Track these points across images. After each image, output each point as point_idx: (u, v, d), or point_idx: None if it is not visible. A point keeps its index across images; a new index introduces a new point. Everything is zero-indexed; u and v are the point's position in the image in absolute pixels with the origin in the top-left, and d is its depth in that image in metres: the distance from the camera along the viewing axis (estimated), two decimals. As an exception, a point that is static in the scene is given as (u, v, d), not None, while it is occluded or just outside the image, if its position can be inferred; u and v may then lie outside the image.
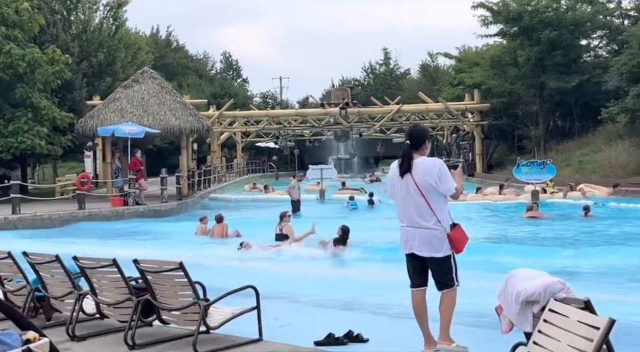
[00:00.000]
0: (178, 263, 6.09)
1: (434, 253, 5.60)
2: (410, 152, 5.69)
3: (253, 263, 12.40)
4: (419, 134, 5.82)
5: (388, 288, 9.10)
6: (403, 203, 5.73)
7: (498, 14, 36.40)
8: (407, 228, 5.73)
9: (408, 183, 5.65)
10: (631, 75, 29.32)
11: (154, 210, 24.56)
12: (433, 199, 5.60)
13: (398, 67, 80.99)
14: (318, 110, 44.35)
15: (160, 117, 28.19)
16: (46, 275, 7.26)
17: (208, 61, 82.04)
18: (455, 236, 5.63)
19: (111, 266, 6.54)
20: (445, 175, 5.62)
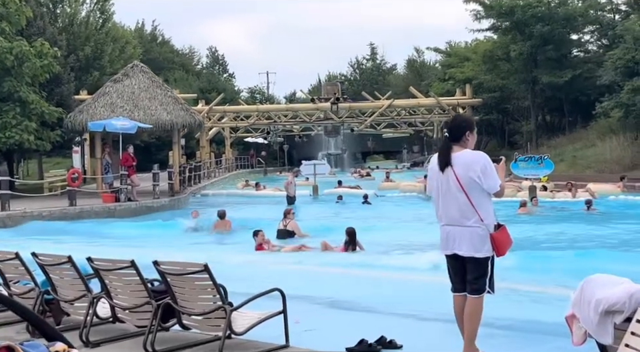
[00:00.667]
0: (203, 265, 5.74)
1: (474, 253, 5.21)
2: (449, 144, 5.31)
3: (264, 263, 12.01)
4: (458, 125, 5.43)
5: (413, 289, 8.80)
6: (443, 199, 5.34)
7: (490, 8, 36.23)
8: (447, 227, 5.35)
9: (449, 178, 5.25)
10: (626, 70, 29.24)
11: (146, 206, 24.12)
12: (475, 195, 5.20)
13: (384, 62, 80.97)
14: (309, 105, 43.96)
15: (151, 111, 27.72)
16: (56, 276, 6.86)
17: (194, 55, 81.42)
18: (499, 237, 5.22)
19: (129, 268, 6.16)
20: (490, 170, 5.19)
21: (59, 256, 6.71)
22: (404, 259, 12.05)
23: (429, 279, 9.42)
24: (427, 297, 8.44)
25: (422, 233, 16.42)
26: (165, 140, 49.45)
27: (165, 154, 47.45)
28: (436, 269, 8.99)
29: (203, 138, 42.93)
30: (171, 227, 18.59)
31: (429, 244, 14.25)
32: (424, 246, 12.82)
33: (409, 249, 13.17)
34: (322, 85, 51.07)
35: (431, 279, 9.13)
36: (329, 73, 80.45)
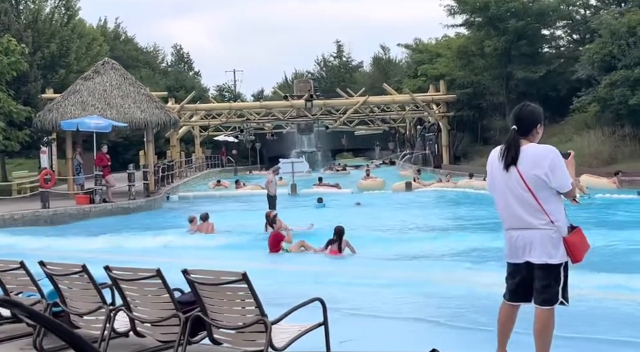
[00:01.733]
0: (241, 274, 5.18)
1: (547, 259, 4.63)
2: (517, 138, 4.70)
3: (263, 264, 11.45)
4: (528, 116, 4.80)
5: (430, 290, 8.34)
6: (506, 200, 4.74)
7: (465, 3, 36.08)
8: (513, 231, 4.76)
9: (512, 176, 4.66)
10: (603, 64, 29.30)
11: (122, 207, 23.42)
12: (543, 195, 4.63)
13: (351, 60, 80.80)
14: (283, 102, 43.37)
15: (124, 109, 26.93)
16: (67, 287, 6.24)
17: (158, 53, 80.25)
18: (574, 241, 4.67)
19: (154, 277, 5.58)
20: (560, 167, 4.62)
21: (71, 264, 6.10)
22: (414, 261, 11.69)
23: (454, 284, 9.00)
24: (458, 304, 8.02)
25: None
26: (132, 139, 48.37)
27: (134, 153, 46.44)
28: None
29: (174, 137, 42.07)
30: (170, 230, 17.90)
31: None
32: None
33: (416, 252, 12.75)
34: (294, 83, 50.44)
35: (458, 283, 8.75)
36: (295, 71, 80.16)
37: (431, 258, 12.18)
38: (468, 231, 16.22)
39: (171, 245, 15.37)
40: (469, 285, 8.93)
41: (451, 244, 13.49)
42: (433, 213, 20.78)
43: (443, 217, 19.58)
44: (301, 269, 11.30)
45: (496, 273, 8.78)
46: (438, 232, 15.90)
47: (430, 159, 41.70)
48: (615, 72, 28.34)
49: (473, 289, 8.67)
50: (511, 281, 4.84)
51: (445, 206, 23.46)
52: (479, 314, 7.10)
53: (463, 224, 17.86)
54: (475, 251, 12.43)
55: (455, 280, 9.65)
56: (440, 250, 12.90)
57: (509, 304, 4.88)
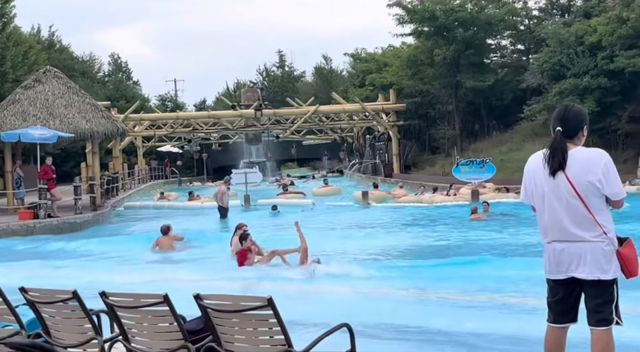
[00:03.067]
0: (266, 298, 4.57)
1: (600, 274, 4.19)
2: (563, 141, 4.27)
3: (247, 283, 10.76)
4: (575, 116, 4.35)
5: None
6: (551, 209, 4.28)
7: (414, 13, 36.16)
8: (558, 244, 4.30)
9: (559, 183, 4.22)
10: (553, 73, 29.70)
11: (69, 223, 22.17)
12: (594, 203, 4.20)
13: (294, 70, 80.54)
14: (232, 112, 42.53)
15: (68, 119, 25.70)
16: (51, 316, 5.48)
17: (95, 62, 78.17)
18: (628, 254, 4.23)
19: (160, 304, 4.91)
20: (613, 173, 4.21)
21: (58, 291, 5.34)
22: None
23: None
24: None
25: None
26: (70, 151, 46.68)
27: (72, 166, 44.76)
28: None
29: (116, 148, 40.68)
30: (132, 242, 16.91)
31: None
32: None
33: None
34: (242, 92, 49.60)
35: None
36: (237, 80, 79.34)
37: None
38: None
39: (131, 262, 14.46)
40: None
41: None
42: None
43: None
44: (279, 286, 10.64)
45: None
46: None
47: (380, 168, 41.57)
48: (564, 80, 28.74)
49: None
50: (553, 300, 4.39)
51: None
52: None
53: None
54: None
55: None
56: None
57: (554, 327, 4.41)
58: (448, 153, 38.68)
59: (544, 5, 38.55)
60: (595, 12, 31.91)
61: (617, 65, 27.26)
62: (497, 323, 7.83)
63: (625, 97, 28.22)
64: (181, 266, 13.27)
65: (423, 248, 15.12)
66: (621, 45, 27.56)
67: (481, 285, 9.98)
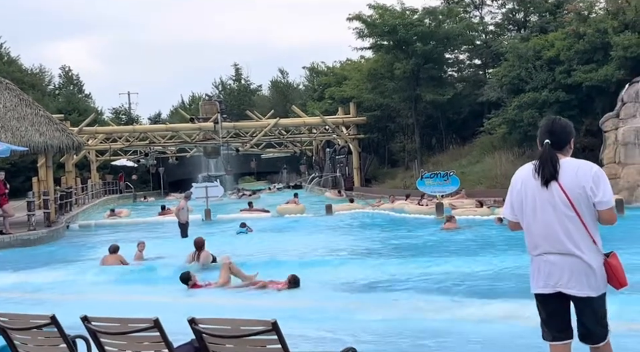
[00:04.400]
0: (271, 322, 4.20)
1: (590, 292, 4.13)
2: (553, 152, 4.24)
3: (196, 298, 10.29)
4: (562, 129, 4.37)
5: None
6: (543, 221, 4.21)
7: (374, 26, 36.22)
8: (547, 257, 4.20)
9: (553, 193, 4.17)
10: (512, 87, 29.97)
11: (22, 239, 21.35)
12: (586, 213, 4.15)
13: (250, 83, 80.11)
14: (190, 125, 41.86)
15: (21, 132, 24.85)
16: (24, 343, 5.00)
17: (45, 75, 76.44)
18: (616, 264, 4.17)
19: (150, 329, 4.49)
20: (604, 182, 4.18)
21: (33, 315, 4.87)
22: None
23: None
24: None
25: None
26: (20, 166, 45.28)
27: (22, 181, 43.38)
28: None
29: (69, 162, 39.54)
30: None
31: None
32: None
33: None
34: (200, 104, 48.91)
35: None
36: (192, 94, 78.51)
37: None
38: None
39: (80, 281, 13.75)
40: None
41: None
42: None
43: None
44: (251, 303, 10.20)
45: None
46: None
47: (341, 181, 41.41)
48: (523, 94, 29.03)
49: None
50: (547, 316, 4.26)
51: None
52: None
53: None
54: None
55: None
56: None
57: (556, 345, 4.24)
58: (408, 166, 38.74)
59: (500, 20, 39.09)
60: (550, 27, 32.43)
61: (574, 79, 27.65)
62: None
63: (583, 111, 28.63)
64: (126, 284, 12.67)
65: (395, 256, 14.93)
66: (578, 60, 27.97)
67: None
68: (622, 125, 25.44)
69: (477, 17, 40.21)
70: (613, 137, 25.59)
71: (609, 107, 26.59)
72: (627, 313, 7.33)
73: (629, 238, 14.32)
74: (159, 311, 4.85)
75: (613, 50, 26.52)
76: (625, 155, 25.14)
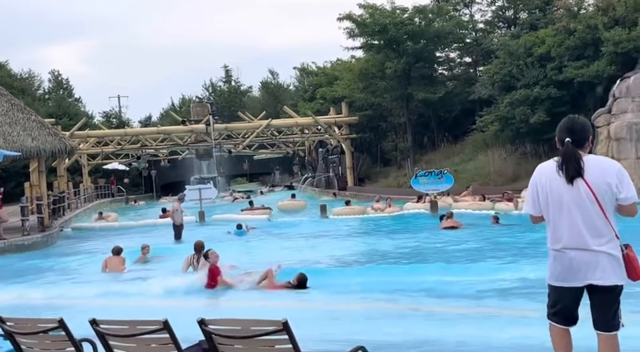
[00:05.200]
0: (282, 322, 4.19)
1: (617, 280, 4.32)
2: (574, 150, 4.36)
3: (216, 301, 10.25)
4: (582, 127, 4.49)
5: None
6: (569, 216, 4.34)
7: (364, 26, 36.25)
8: (571, 251, 4.33)
9: (580, 189, 4.32)
10: (503, 84, 30.05)
11: (16, 245, 21.22)
12: (609, 209, 4.34)
13: (240, 84, 79.94)
14: (182, 127, 41.74)
15: (13, 137, 24.69)
16: (31, 347, 4.97)
17: (34, 80, 76.09)
18: (634, 256, 4.35)
19: (160, 331, 4.47)
20: (628, 178, 4.37)
21: (41, 319, 4.84)
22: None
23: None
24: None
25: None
26: (11, 171, 45.04)
27: (13, 186, 43.13)
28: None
29: (61, 166, 39.33)
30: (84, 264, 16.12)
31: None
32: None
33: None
34: (191, 107, 48.79)
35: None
36: (182, 97, 78.30)
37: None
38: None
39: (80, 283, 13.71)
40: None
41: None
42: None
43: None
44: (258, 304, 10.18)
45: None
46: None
47: (334, 181, 41.40)
48: (514, 91, 29.11)
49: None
50: (559, 306, 4.47)
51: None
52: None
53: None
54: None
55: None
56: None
57: (560, 328, 4.52)
58: (400, 165, 38.79)
59: (490, 17, 39.18)
60: (540, 24, 32.53)
61: (565, 76, 27.77)
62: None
63: (574, 107, 28.68)
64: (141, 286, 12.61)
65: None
66: (569, 56, 28.09)
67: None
68: (614, 120, 25.57)
69: (467, 15, 40.32)
70: (605, 133, 25.72)
71: (601, 102, 26.73)
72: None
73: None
74: (162, 314, 4.82)
75: (603, 46, 26.65)
76: (617, 150, 25.26)
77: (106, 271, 14.97)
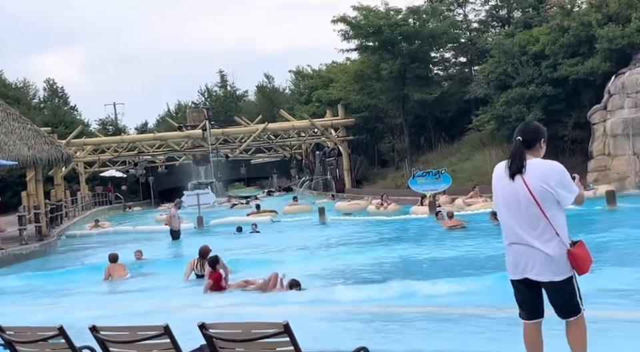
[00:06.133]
0: (283, 324, 4.16)
1: (553, 277, 4.55)
2: (522, 149, 4.63)
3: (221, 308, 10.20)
4: (534, 129, 4.77)
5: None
6: (511, 213, 4.64)
7: (359, 28, 36.29)
8: (515, 246, 4.64)
9: (518, 188, 4.57)
10: (499, 83, 30.07)
11: (14, 254, 21.10)
12: (550, 208, 4.55)
13: (236, 89, 79.97)
14: (179, 133, 41.76)
15: (9, 147, 24.66)
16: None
17: (29, 89, 76.04)
18: (579, 253, 4.56)
19: (161, 336, 4.44)
20: (568, 180, 4.61)
21: (41, 328, 4.81)
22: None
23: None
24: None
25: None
26: (8, 180, 44.99)
27: (10, 196, 43.06)
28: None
29: (58, 175, 39.36)
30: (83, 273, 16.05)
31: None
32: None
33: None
34: (187, 112, 48.81)
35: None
36: (178, 103, 78.24)
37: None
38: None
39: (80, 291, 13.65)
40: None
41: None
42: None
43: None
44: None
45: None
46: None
47: (332, 183, 41.41)
48: (510, 90, 29.13)
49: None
50: (520, 299, 4.76)
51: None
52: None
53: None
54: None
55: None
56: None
57: (529, 324, 4.75)
58: (398, 166, 38.81)
59: (484, 17, 39.24)
60: (534, 22, 32.58)
61: (560, 73, 27.79)
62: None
63: (570, 104, 28.78)
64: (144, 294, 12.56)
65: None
66: (563, 53, 28.12)
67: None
68: (610, 116, 25.60)
69: (461, 14, 40.41)
70: (601, 129, 25.74)
71: (596, 99, 26.76)
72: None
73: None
74: (162, 319, 4.80)
75: (597, 42, 26.68)
76: (614, 147, 25.29)
77: (109, 280, 14.86)
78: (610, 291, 8.88)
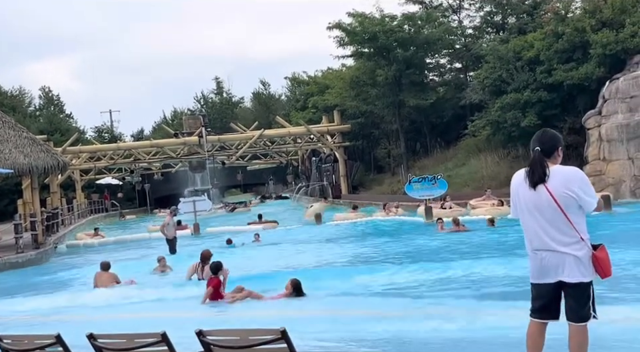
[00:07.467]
0: (280, 331, 4.19)
1: (582, 278, 4.69)
2: (542, 158, 4.76)
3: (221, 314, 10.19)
4: (551, 138, 4.89)
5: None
6: (535, 220, 4.77)
7: (354, 34, 36.39)
8: (541, 253, 4.76)
9: (541, 195, 4.71)
10: (494, 88, 30.17)
11: (10, 263, 21.11)
12: (574, 213, 4.70)
13: (232, 96, 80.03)
14: (175, 140, 41.77)
15: (5, 155, 24.73)
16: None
17: (24, 96, 75.96)
18: (603, 257, 4.72)
19: (158, 343, 4.46)
20: (589, 186, 4.77)
21: (38, 336, 4.82)
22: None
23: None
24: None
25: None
26: (3, 188, 44.92)
27: (6, 204, 43.00)
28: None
29: (54, 182, 39.27)
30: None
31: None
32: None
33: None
34: (183, 119, 48.82)
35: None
36: (173, 110, 78.21)
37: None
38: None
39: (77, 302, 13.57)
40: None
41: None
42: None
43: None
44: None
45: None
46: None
47: (328, 190, 41.43)
48: (505, 95, 29.22)
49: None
50: (539, 301, 4.85)
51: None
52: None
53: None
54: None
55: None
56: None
57: (538, 322, 4.87)
58: (394, 172, 38.87)
59: (478, 23, 39.38)
60: (529, 28, 32.71)
61: (555, 79, 27.90)
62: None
63: (565, 110, 28.88)
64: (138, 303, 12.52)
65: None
66: (558, 59, 28.23)
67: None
68: (604, 121, 25.68)
69: (456, 21, 40.51)
70: (596, 134, 25.82)
71: (591, 104, 26.85)
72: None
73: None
74: (162, 326, 4.81)
75: (592, 48, 26.81)
76: (609, 152, 25.38)
77: (98, 287, 14.79)
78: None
